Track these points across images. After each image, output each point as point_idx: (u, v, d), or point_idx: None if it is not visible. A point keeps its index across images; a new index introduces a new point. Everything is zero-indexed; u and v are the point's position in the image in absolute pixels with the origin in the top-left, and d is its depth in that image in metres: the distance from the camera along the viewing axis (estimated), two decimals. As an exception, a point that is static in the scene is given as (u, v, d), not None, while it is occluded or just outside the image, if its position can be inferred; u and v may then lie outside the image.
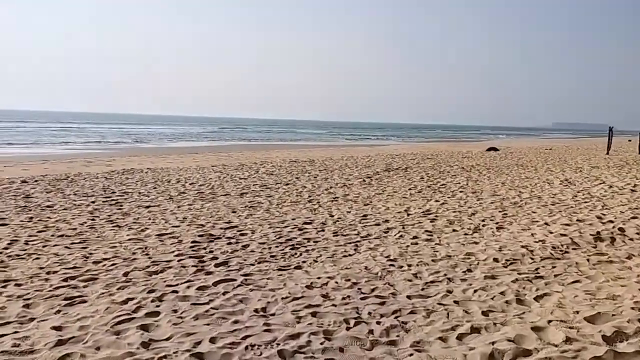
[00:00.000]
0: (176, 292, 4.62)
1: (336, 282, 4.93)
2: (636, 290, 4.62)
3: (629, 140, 40.17)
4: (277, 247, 6.36)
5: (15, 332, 3.73)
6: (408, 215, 8.62)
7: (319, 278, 5.07)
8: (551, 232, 7.02)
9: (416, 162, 19.04)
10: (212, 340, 3.62)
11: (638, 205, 9.09)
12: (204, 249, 6.22)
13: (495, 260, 5.70)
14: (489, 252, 6.01)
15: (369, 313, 4.17)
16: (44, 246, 6.15)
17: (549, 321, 3.93)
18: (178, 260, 5.65)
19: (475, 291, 4.70)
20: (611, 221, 7.61)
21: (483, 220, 8.02)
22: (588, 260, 5.72)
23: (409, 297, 4.56)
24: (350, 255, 6.03)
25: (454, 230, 7.39)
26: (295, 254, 6.05)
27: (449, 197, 10.60)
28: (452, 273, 5.26)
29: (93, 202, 9.32)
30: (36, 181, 11.87)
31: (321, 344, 3.58)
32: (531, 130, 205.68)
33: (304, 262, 5.71)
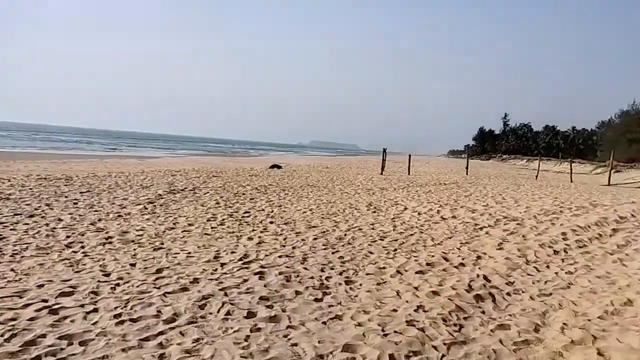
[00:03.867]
0: None
1: None
2: None
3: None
4: (4, 369, 3.26)
5: None
6: (222, 266, 6.16)
7: None
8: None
9: (203, 181, 16.45)
10: None
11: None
12: None
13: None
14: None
15: None
16: None
17: None
18: None
19: None
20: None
21: (329, 275, 6.05)
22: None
23: None
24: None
25: (297, 293, 5.22)
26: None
27: (262, 232, 8.45)
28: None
29: None
30: None
31: None
32: (295, 147, 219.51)
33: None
